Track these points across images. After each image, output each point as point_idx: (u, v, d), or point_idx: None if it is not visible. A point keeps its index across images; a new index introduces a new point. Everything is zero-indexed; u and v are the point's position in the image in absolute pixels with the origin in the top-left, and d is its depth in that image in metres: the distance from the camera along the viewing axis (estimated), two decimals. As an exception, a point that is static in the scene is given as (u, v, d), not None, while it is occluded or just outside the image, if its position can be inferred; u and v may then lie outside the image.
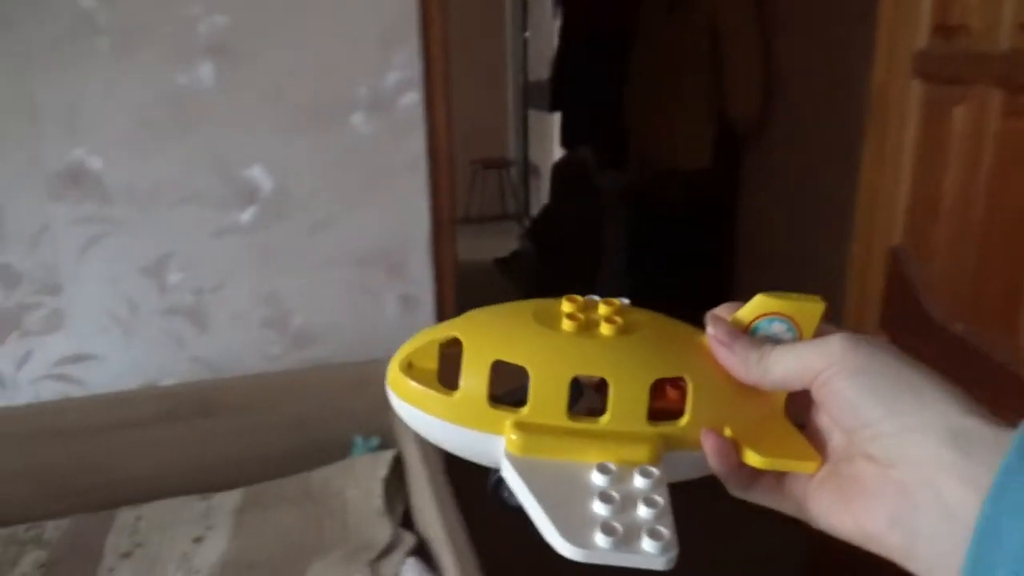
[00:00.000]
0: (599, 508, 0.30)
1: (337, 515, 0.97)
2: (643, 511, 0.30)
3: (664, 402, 0.34)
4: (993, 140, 0.93)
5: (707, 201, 2.24)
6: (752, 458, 0.32)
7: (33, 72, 0.94)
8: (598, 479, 0.31)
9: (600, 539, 0.29)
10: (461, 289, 1.23)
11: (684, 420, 0.33)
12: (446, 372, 0.34)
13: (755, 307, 0.34)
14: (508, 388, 0.33)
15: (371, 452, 1.08)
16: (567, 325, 0.34)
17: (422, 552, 0.90)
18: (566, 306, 0.35)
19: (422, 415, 0.34)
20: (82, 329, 1.02)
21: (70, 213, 0.99)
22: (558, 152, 3.10)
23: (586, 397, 0.35)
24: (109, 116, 0.98)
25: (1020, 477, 0.26)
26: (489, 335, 0.34)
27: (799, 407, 0.34)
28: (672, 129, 2.19)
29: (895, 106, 1.12)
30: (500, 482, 0.34)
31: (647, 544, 0.29)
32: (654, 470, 0.32)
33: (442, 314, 1.18)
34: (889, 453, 0.29)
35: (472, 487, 0.50)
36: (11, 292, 0.98)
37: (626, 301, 0.37)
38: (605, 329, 0.34)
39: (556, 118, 3.08)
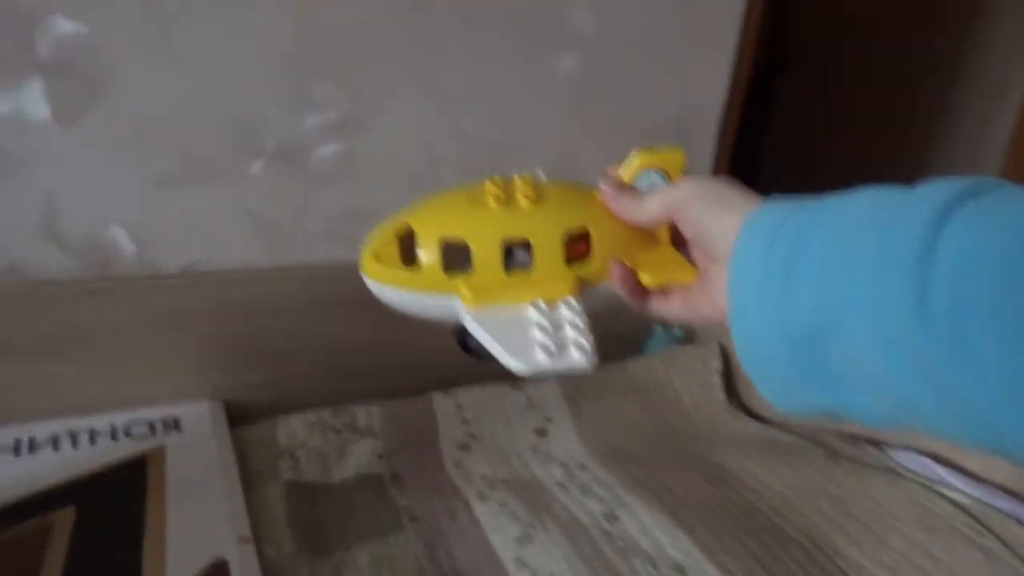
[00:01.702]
0: (537, 334, 0.40)
1: (676, 406, 0.87)
2: (569, 332, 0.40)
3: (577, 250, 0.43)
4: None
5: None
6: (645, 278, 0.43)
7: None
8: (533, 314, 0.41)
9: (541, 356, 0.39)
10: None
11: (593, 260, 0.43)
12: (406, 254, 0.44)
13: (632, 162, 0.44)
14: (456, 252, 0.42)
15: (675, 342, 0.98)
16: (493, 203, 0.43)
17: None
18: (489, 187, 0.44)
19: (393, 290, 0.44)
20: (369, 180, 0.88)
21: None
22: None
23: (517, 254, 0.43)
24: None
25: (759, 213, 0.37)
26: (434, 219, 0.44)
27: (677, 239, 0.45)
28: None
29: None
30: (462, 332, 0.43)
31: (575, 354, 0.39)
32: (573, 300, 0.42)
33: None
34: (718, 250, 0.39)
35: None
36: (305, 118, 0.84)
37: (540, 173, 0.47)
38: (522, 201, 0.43)
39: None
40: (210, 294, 0.79)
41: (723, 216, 0.39)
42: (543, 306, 0.41)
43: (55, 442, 0.74)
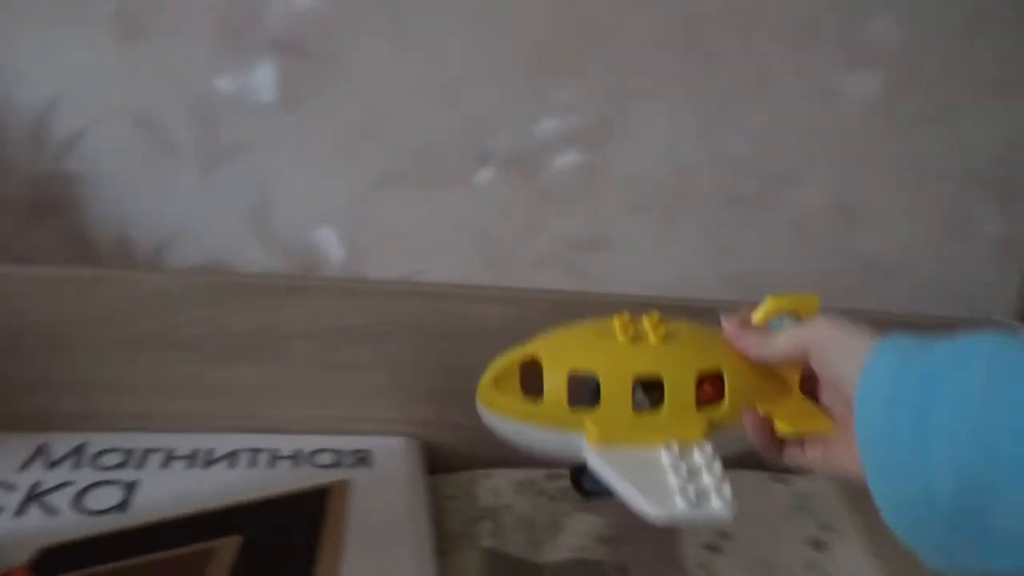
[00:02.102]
0: (673, 479, 0.38)
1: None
2: (706, 478, 0.38)
3: (705, 393, 0.42)
4: None
5: None
6: (781, 426, 0.41)
7: None
8: (666, 458, 0.39)
9: (680, 503, 0.36)
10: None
11: (725, 404, 0.41)
12: (525, 386, 0.42)
13: (766, 308, 0.43)
14: (582, 387, 0.41)
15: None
16: (622, 337, 0.42)
17: None
18: (618, 322, 0.43)
19: (514, 423, 0.42)
20: (606, 202, 0.75)
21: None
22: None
23: (637, 395, 0.42)
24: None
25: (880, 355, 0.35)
26: (562, 350, 0.43)
27: (811, 388, 0.43)
28: None
29: None
30: (580, 473, 0.43)
31: (716, 503, 0.36)
32: (708, 444, 0.40)
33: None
34: (848, 395, 0.36)
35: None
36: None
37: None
38: (653, 338, 0.42)
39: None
40: (419, 312, 0.68)
41: (850, 355, 0.36)
42: (676, 450, 0.39)
43: (232, 459, 0.65)
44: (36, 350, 0.64)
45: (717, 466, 0.38)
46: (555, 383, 0.41)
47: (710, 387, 0.42)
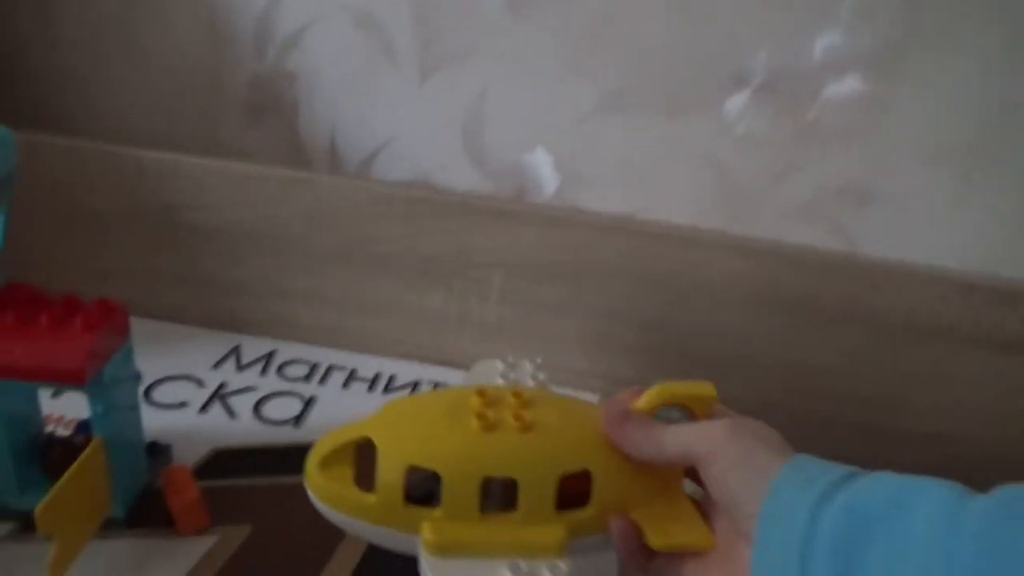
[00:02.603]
0: None
1: None
2: None
3: (571, 489, 0.35)
4: None
5: None
6: (652, 538, 0.34)
7: None
8: None
9: None
10: None
11: (590, 508, 0.35)
12: (363, 470, 0.36)
13: (652, 396, 0.36)
14: (423, 476, 0.35)
15: None
16: (474, 424, 0.36)
17: None
18: (474, 401, 0.37)
19: (343, 517, 0.36)
20: (888, 147, 0.60)
21: None
22: None
23: (494, 488, 0.36)
24: None
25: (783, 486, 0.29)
26: (402, 438, 0.36)
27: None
28: None
29: None
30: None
31: None
32: (562, 565, 0.34)
33: None
34: (742, 524, 0.31)
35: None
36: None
37: (538, 374, 0.46)
38: (513, 425, 0.36)
39: None
40: (635, 254, 0.57)
41: (753, 478, 0.30)
42: (523, 568, 0.34)
43: (414, 390, 0.60)
44: (237, 249, 0.62)
45: None
46: (390, 477, 0.35)
47: (575, 485, 0.36)
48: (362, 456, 0.36)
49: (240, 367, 0.61)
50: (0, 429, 0.42)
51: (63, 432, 0.49)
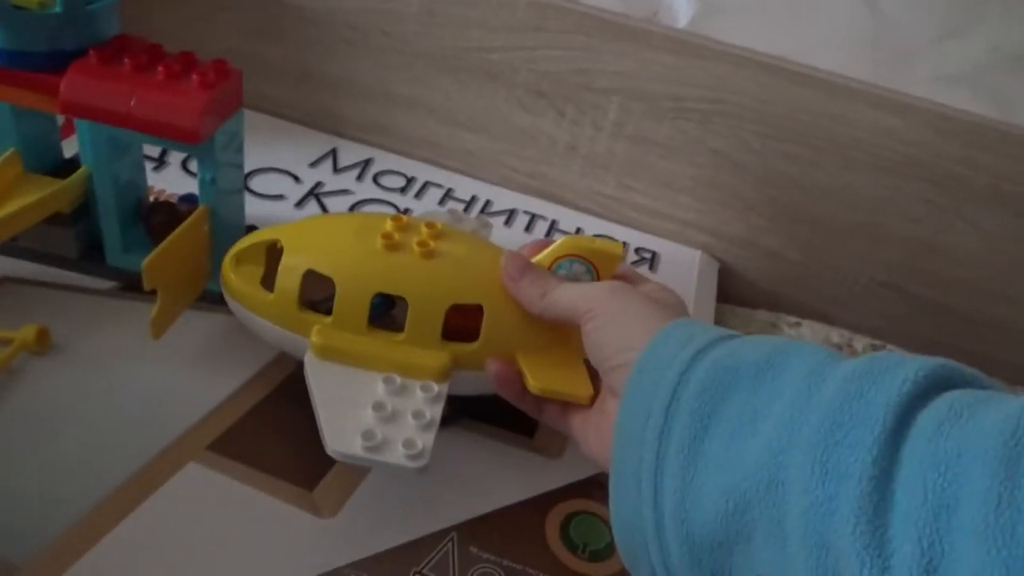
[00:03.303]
0: (368, 416, 0.33)
1: None
2: (409, 422, 0.33)
3: (466, 325, 0.36)
4: None
5: None
6: (530, 383, 0.34)
7: None
8: (380, 389, 0.34)
9: (357, 443, 0.31)
10: None
11: (476, 344, 0.36)
12: (272, 272, 0.36)
13: (559, 247, 0.36)
14: (328, 294, 0.35)
15: None
16: (378, 243, 0.36)
17: None
18: (388, 224, 0.37)
19: (243, 310, 0.37)
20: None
21: None
22: None
23: (397, 310, 0.37)
24: None
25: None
26: (307, 245, 0.37)
27: None
28: None
29: None
30: None
31: (399, 452, 0.32)
32: (435, 386, 0.35)
33: None
34: (619, 384, 0.30)
35: None
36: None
37: (468, 219, 0.44)
38: (416, 251, 0.36)
39: None
40: (770, 97, 0.53)
41: (631, 349, 0.29)
42: (397, 382, 0.34)
43: (509, 218, 0.58)
44: (340, 47, 0.59)
45: (431, 411, 0.33)
46: (288, 279, 0.35)
47: (470, 321, 0.36)
48: (275, 259, 0.37)
49: (337, 170, 0.59)
50: (108, 186, 0.41)
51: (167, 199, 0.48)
